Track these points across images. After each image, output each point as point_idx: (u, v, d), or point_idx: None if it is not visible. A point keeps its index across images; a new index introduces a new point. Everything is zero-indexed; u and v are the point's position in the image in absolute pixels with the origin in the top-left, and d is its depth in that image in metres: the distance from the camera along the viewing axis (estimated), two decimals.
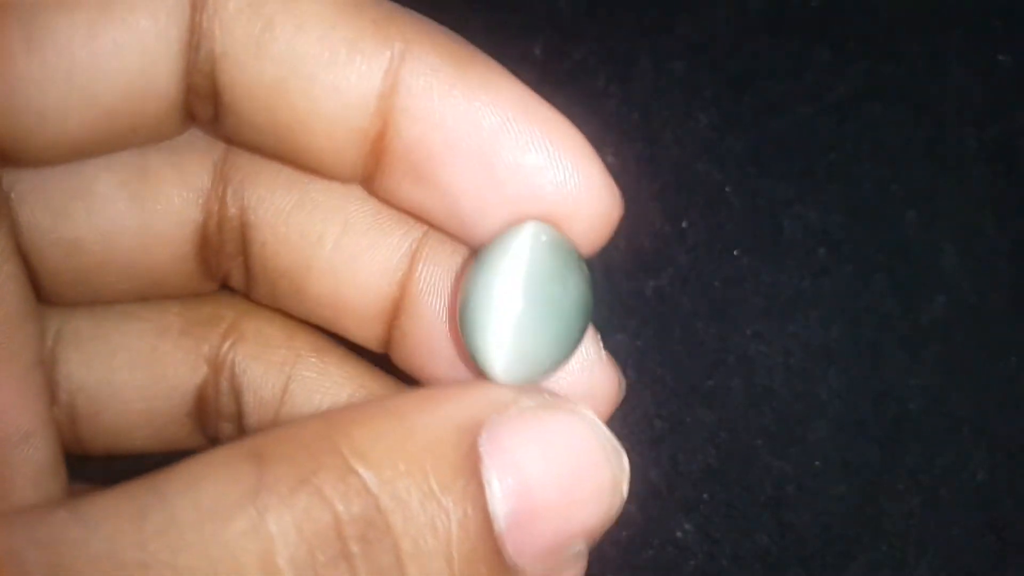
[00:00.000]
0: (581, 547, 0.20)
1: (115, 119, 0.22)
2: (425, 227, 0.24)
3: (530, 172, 0.21)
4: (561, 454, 0.19)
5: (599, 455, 0.20)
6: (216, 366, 0.27)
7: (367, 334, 0.26)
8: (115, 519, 0.17)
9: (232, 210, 0.25)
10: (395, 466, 0.18)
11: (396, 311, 0.25)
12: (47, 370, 0.25)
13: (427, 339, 0.24)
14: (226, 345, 0.27)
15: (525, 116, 0.21)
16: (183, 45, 0.21)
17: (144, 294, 0.27)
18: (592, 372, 0.23)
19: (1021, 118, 0.36)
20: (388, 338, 0.25)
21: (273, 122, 0.22)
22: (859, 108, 0.36)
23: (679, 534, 0.34)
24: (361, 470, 0.18)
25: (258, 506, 0.17)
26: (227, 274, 0.26)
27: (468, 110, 0.21)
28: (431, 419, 0.19)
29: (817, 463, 0.34)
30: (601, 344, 0.23)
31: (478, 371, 0.21)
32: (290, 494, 0.17)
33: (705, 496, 0.34)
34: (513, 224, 0.21)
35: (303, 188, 0.25)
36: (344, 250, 0.25)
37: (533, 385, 0.21)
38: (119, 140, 0.23)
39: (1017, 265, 0.35)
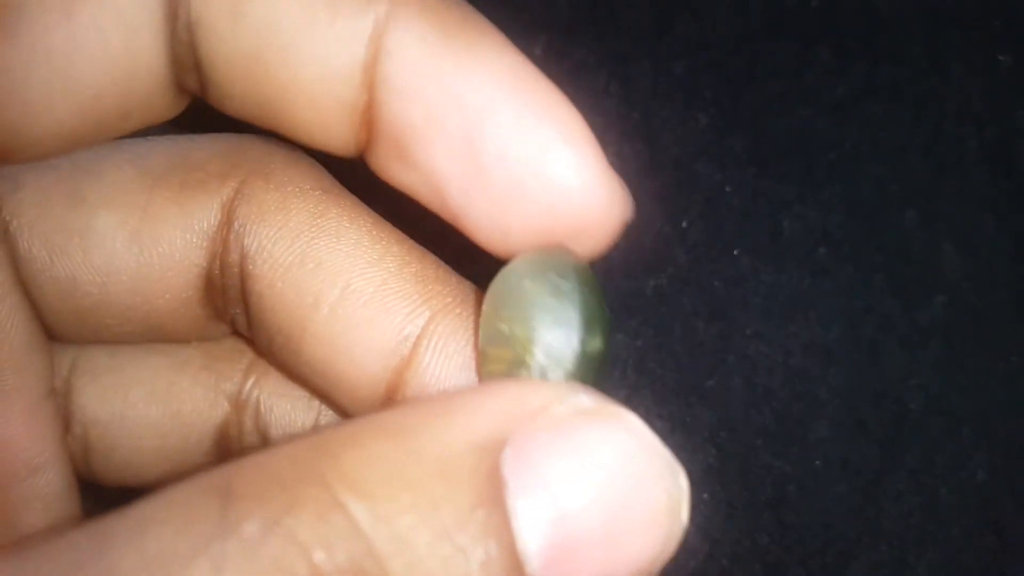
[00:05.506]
0: None
1: (104, 102, 0.20)
2: (430, 312, 0.21)
3: (517, 163, 0.18)
4: (604, 472, 0.15)
5: (651, 472, 0.16)
6: (238, 404, 0.26)
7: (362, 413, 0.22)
8: (47, 573, 0.14)
9: (233, 255, 0.23)
10: (395, 497, 0.14)
11: (392, 398, 0.21)
12: (61, 400, 0.24)
13: None
14: (249, 382, 0.25)
15: (518, 96, 0.18)
16: (164, 15, 0.20)
17: (148, 338, 0.25)
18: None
19: (1021, 118, 0.36)
20: None
21: (255, 93, 0.20)
22: (859, 108, 0.36)
23: None
24: (351, 504, 0.14)
25: (214, 556, 0.14)
26: (233, 319, 0.24)
27: (452, 84, 0.18)
28: (441, 436, 0.15)
29: (817, 463, 0.34)
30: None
31: None
32: (257, 540, 0.14)
33: (705, 496, 0.34)
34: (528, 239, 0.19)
35: (308, 243, 0.22)
36: (340, 319, 0.22)
37: (569, 384, 0.18)
38: (113, 124, 0.21)
39: (1017, 265, 0.35)
